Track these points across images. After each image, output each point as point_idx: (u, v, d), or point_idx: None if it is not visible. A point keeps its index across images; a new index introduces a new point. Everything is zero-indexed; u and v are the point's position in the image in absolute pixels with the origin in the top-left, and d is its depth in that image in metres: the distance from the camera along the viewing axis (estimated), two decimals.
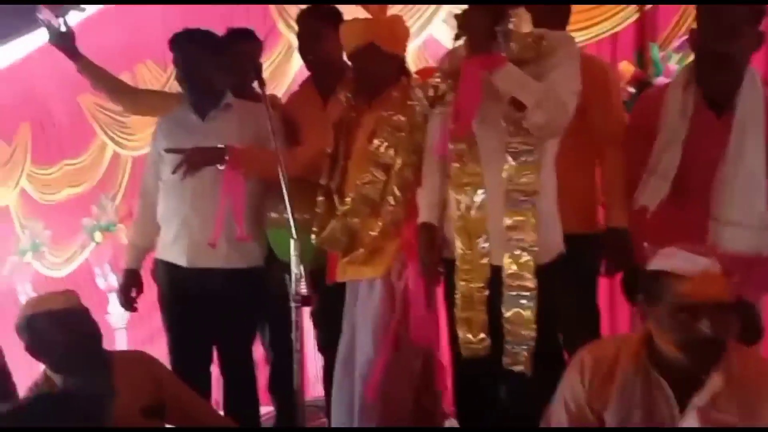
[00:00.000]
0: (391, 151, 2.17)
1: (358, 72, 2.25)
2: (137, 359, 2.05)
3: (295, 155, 2.40)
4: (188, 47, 2.43)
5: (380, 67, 2.21)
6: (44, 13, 2.72)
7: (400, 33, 2.29)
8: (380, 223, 2.17)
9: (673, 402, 1.52)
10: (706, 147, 1.97)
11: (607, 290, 2.89)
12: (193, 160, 2.35)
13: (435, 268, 2.00)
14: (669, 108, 2.01)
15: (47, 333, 1.89)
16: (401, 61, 2.29)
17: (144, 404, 1.91)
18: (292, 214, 2.09)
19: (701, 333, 1.44)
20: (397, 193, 2.16)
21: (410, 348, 2.18)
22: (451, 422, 2.69)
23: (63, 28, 2.72)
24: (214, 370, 2.58)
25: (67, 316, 1.92)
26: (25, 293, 5.80)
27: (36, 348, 1.93)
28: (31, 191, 5.73)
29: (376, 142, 2.18)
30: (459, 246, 1.94)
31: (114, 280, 5.03)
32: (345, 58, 2.32)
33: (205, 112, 2.48)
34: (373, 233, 2.19)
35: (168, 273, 2.49)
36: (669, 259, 1.49)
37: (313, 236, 2.26)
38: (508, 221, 1.88)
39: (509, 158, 1.88)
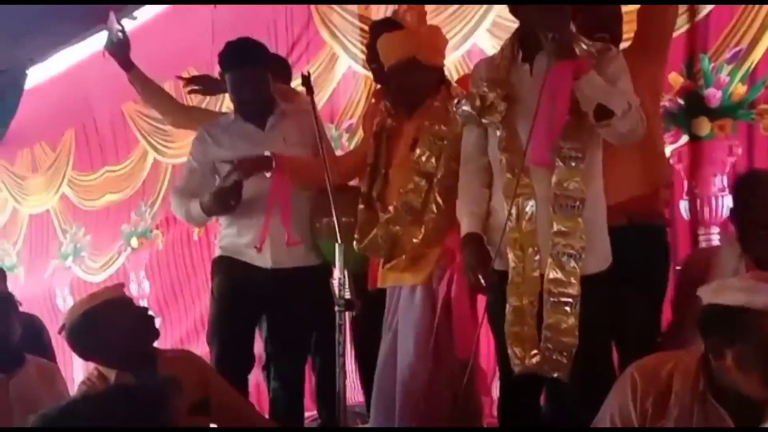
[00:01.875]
0: (433, 161, 2.18)
1: (399, 84, 2.27)
2: (184, 358, 2.07)
3: (340, 161, 2.43)
4: (244, 59, 2.50)
5: (421, 80, 2.23)
6: (111, 22, 2.81)
7: (439, 45, 2.30)
8: (422, 231, 2.18)
9: None
10: None
11: None
12: (244, 168, 2.40)
13: (483, 278, 1.96)
14: (721, 271, 1.94)
15: (104, 325, 1.91)
16: (441, 71, 2.31)
17: (190, 403, 1.91)
18: (338, 219, 2.11)
19: None
20: (439, 201, 2.17)
21: (451, 355, 2.16)
22: None
23: (121, 36, 2.81)
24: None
25: (123, 305, 1.96)
26: (63, 297, 5.90)
27: (90, 345, 1.95)
28: (71, 196, 5.84)
29: (418, 151, 2.20)
30: (512, 258, 1.90)
31: (147, 287, 5.10)
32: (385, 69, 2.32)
33: (263, 120, 2.54)
34: (415, 240, 2.19)
35: (241, 270, 2.51)
36: (758, 295, 1.41)
37: (354, 243, 2.27)
38: (556, 227, 1.85)
39: (560, 163, 1.85)
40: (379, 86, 2.70)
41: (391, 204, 2.24)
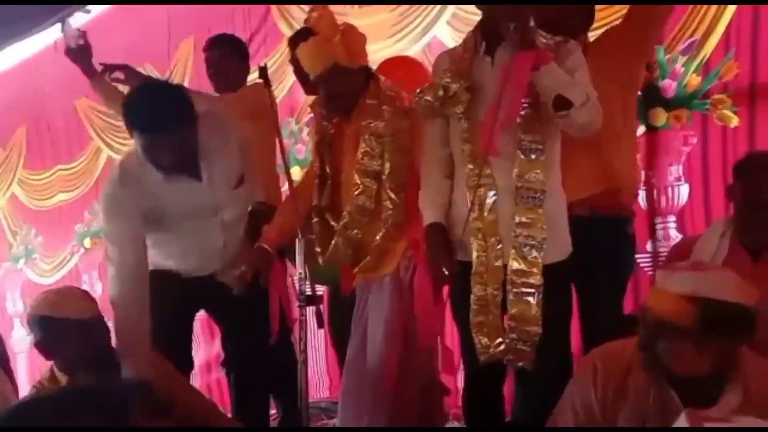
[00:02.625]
0: (377, 159, 2.18)
1: (328, 92, 2.23)
2: (153, 361, 2.01)
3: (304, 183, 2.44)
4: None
5: (349, 83, 2.21)
6: (67, 26, 2.74)
7: (358, 44, 2.25)
8: (383, 229, 2.19)
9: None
10: None
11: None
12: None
13: (445, 268, 1.97)
14: (701, 250, 1.98)
15: (60, 338, 1.87)
16: (366, 69, 2.28)
17: (154, 404, 1.87)
18: (297, 215, 2.14)
19: None
20: (393, 196, 2.17)
21: (417, 343, 2.16)
22: (452, 424, 2.66)
23: (81, 42, 2.74)
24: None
25: (82, 327, 1.89)
26: (13, 301, 5.73)
27: (46, 347, 1.90)
28: (21, 196, 5.67)
29: (360, 152, 2.19)
30: (475, 248, 1.92)
31: (99, 288, 4.98)
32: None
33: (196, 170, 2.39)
34: (377, 239, 2.20)
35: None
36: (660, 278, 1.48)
37: (318, 256, 2.26)
38: (518, 218, 1.88)
39: (520, 155, 1.88)
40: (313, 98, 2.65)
41: (345, 210, 2.23)
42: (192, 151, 2.17)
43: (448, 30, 3.31)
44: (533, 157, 1.87)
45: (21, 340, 5.51)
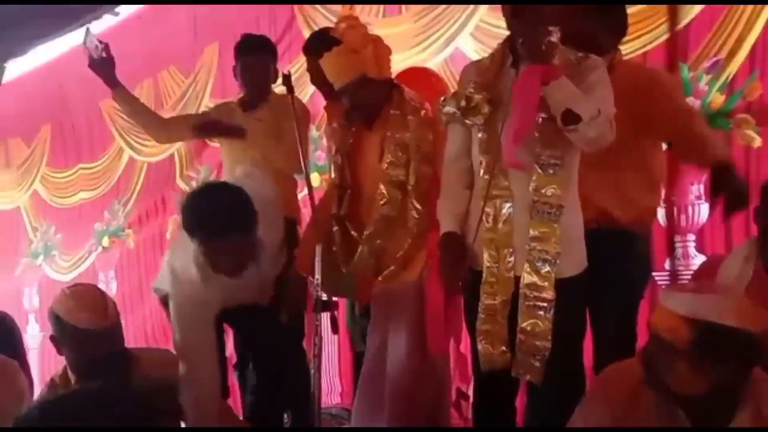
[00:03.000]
0: (402, 170, 2.20)
1: (353, 101, 2.25)
2: (161, 359, 2.03)
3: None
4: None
5: (375, 94, 2.23)
6: (90, 38, 2.76)
7: (385, 57, 2.27)
8: (408, 239, 2.20)
9: None
10: None
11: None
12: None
13: (458, 278, 1.97)
14: (725, 273, 1.96)
15: (69, 342, 1.87)
16: (391, 80, 2.29)
17: (163, 406, 1.87)
18: (316, 221, 2.13)
19: None
20: (418, 206, 2.19)
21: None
22: None
23: (104, 54, 2.75)
24: None
25: (91, 337, 1.86)
26: (29, 297, 5.80)
27: (59, 344, 1.91)
28: (43, 194, 5.74)
29: (386, 162, 2.21)
30: (486, 259, 1.92)
31: (114, 287, 5.03)
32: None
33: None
34: (403, 248, 2.21)
35: None
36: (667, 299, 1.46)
37: (342, 266, 2.27)
38: (532, 232, 1.87)
39: (538, 169, 1.88)
40: (327, 103, 2.66)
41: (365, 219, 2.24)
42: (252, 254, 2.09)
43: (471, 41, 3.32)
44: (551, 171, 1.87)
45: (33, 337, 5.57)
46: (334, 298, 2.39)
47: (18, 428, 0.83)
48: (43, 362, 5.09)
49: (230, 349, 2.67)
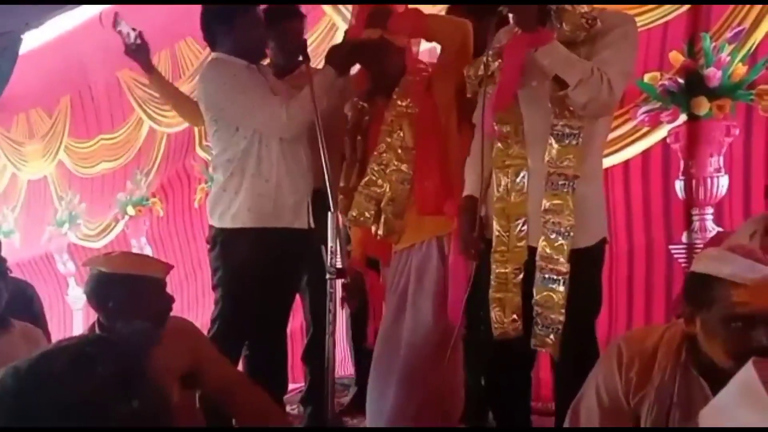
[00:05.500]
0: (400, 133, 2.20)
1: (375, 71, 2.29)
2: (177, 326, 2.06)
3: None
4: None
5: (395, 62, 2.25)
6: (122, 25, 2.78)
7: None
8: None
9: None
10: None
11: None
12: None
13: (474, 245, 1.97)
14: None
15: (141, 295, 1.92)
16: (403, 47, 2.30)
17: (183, 373, 1.93)
18: (332, 188, 2.14)
19: (757, 344, 1.35)
20: (403, 167, 2.19)
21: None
22: None
23: (138, 40, 2.78)
24: None
25: (163, 287, 1.97)
26: (63, 263, 5.91)
27: (113, 311, 1.94)
28: (68, 163, 5.81)
29: (394, 132, 2.21)
30: (496, 227, 1.93)
31: (150, 252, 5.10)
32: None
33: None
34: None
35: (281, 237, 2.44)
36: (725, 264, 1.40)
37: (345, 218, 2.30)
38: (546, 203, 1.87)
39: (552, 140, 1.86)
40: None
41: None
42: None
43: None
44: (566, 142, 1.85)
45: (77, 298, 5.69)
46: None
47: None
48: (88, 321, 5.20)
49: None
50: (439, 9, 2.73)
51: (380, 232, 2.23)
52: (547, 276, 1.86)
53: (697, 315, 1.44)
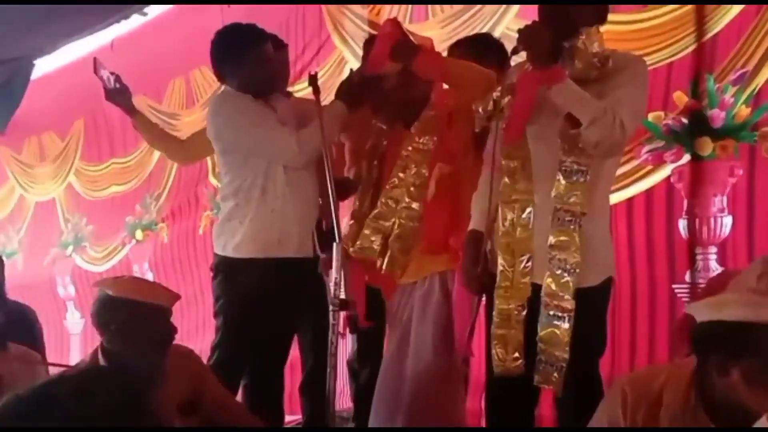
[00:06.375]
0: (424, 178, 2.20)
1: (395, 98, 2.28)
2: (180, 354, 2.08)
3: None
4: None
5: (418, 90, 2.25)
6: (100, 68, 2.80)
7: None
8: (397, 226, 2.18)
9: None
10: None
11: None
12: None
13: (478, 278, 1.97)
14: (736, 290, 1.89)
15: (143, 321, 1.93)
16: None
17: (182, 401, 1.93)
18: (337, 219, 2.14)
19: None
20: (414, 205, 2.19)
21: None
22: None
23: (117, 85, 2.79)
24: None
25: (166, 315, 1.97)
26: (64, 286, 5.93)
27: (116, 334, 1.95)
28: (77, 186, 5.85)
29: (409, 172, 2.21)
30: (501, 263, 1.92)
31: (150, 278, 5.11)
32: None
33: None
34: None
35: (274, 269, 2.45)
36: (762, 309, 1.37)
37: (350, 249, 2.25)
38: (552, 240, 1.86)
39: (560, 176, 1.87)
40: None
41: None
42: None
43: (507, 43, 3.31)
44: (574, 179, 1.85)
45: (74, 324, 5.70)
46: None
47: None
48: (85, 347, 5.20)
49: None
50: (442, 48, 2.73)
51: (384, 267, 2.23)
52: (551, 313, 1.85)
53: (734, 364, 1.39)
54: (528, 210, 1.91)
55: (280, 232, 2.42)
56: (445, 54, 2.47)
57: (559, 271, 1.85)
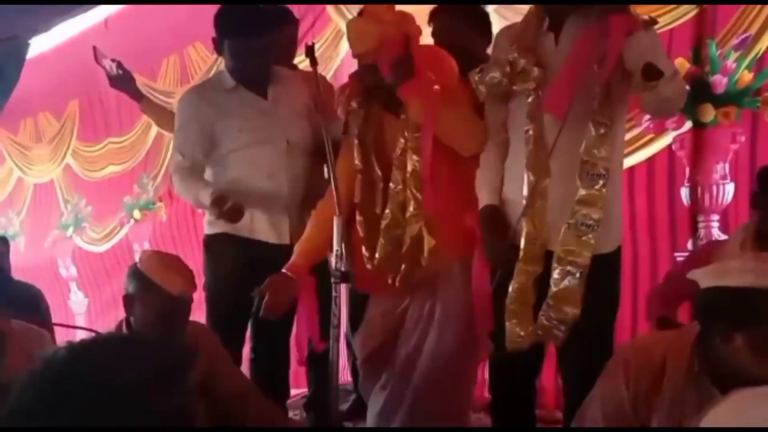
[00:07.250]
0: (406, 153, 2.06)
1: (380, 82, 2.06)
2: (197, 330, 2.07)
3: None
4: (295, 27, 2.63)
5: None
6: (100, 56, 2.81)
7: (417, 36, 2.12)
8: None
9: None
10: None
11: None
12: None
13: (504, 252, 1.89)
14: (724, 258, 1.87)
15: (149, 304, 1.95)
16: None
17: (199, 380, 1.90)
18: (338, 194, 2.08)
19: None
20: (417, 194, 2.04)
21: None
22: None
23: (120, 71, 2.79)
24: None
25: (181, 304, 1.98)
26: (65, 267, 5.93)
27: (131, 304, 1.99)
28: (75, 167, 5.83)
29: (398, 149, 2.07)
30: (525, 235, 1.85)
31: None
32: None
33: (263, 89, 2.48)
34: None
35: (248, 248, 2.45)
36: (764, 276, 1.35)
37: (366, 263, 2.13)
38: (579, 194, 1.79)
39: (591, 128, 1.79)
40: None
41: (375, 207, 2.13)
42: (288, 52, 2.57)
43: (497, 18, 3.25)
44: (602, 132, 1.79)
45: (78, 303, 5.71)
46: None
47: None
48: (90, 326, 5.21)
49: None
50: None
51: (398, 281, 2.10)
52: (566, 269, 1.80)
53: (738, 331, 1.37)
54: (546, 181, 1.84)
55: (251, 217, 2.42)
56: (426, 19, 2.37)
57: (582, 227, 1.79)
